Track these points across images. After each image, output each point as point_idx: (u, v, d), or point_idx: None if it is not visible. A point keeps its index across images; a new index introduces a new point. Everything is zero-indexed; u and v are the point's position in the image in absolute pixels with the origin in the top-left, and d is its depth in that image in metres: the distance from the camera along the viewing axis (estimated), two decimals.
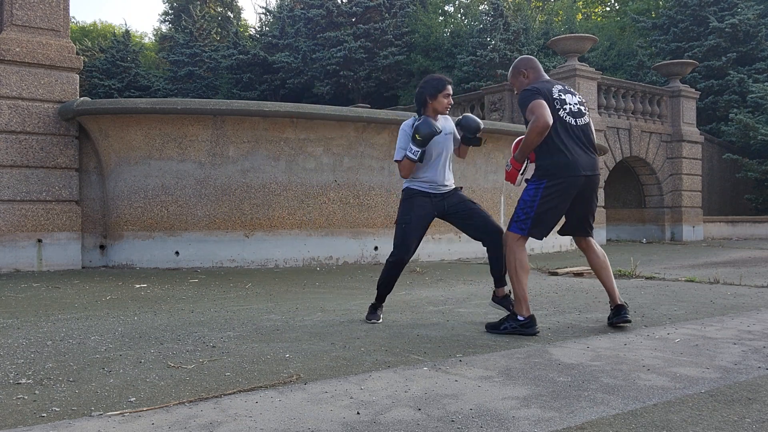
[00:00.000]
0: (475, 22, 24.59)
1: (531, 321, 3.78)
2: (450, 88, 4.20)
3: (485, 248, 4.29)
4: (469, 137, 4.24)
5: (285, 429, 2.16)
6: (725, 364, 3.03)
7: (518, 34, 22.07)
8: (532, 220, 3.80)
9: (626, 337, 3.72)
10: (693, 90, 16.87)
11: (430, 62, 23.75)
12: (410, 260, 4.39)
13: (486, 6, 25.22)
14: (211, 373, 2.89)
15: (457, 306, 5.00)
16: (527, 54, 21.88)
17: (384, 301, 4.39)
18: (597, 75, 14.50)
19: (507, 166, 4.02)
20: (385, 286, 4.31)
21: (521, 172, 3.93)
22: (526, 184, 3.93)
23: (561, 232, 4.17)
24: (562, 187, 3.76)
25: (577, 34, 16.43)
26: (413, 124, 4.16)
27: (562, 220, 4.04)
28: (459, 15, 28.09)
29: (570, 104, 3.85)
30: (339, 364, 3.04)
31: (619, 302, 4.01)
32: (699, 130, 17.22)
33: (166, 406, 2.39)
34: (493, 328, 3.88)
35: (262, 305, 5.06)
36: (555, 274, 7.46)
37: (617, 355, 3.22)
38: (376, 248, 8.96)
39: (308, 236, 8.58)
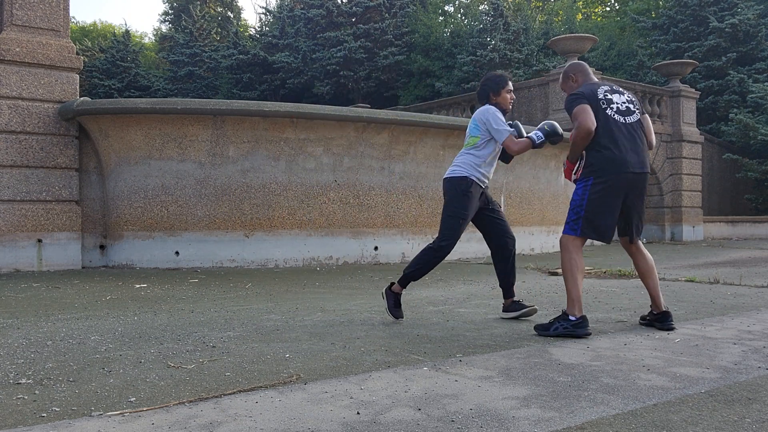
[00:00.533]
0: (475, 22, 24.58)
1: (583, 321, 3.74)
2: (511, 85, 4.30)
3: (495, 258, 4.34)
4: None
5: (285, 429, 2.15)
6: (725, 364, 3.03)
7: (518, 34, 22.06)
8: (583, 220, 3.82)
9: (626, 337, 3.72)
10: (693, 90, 16.87)
11: (430, 62, 23.75)
12: (408, 260, 4.41)
13: (486, 6, 25.21)
14: (211, 373, 2.89)
15: (457, 306, 4.99)
16: (527, 54, 21.91)
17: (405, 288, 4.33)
18: (597, 75, 14.50)
19: (563, 165, 4.12)
20: (421, 274, 4.24)
21: (574, 171, 3.99)
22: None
23: None
24: (610, 184, 3.79)
25: (577, 34, 16.42)
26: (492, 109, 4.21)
27: None
28: (459, 15, 28.09)
29: (617, 103, 3.91)
30: (339, 364, 3.04)
31: (664, 308, 4.00)
32: (699, 130, 17.21)
33: (166, 406, 2.39)
34: (543, 329, 3.81)
35: (262, 305, 5.06)
36: (555, 274, 7.46)
37: (617, 355, 3.22)
38: (376, 248, 8.95)
39: (308, 236, 8.58)
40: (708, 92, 19.96)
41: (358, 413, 2.31)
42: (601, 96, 3.89)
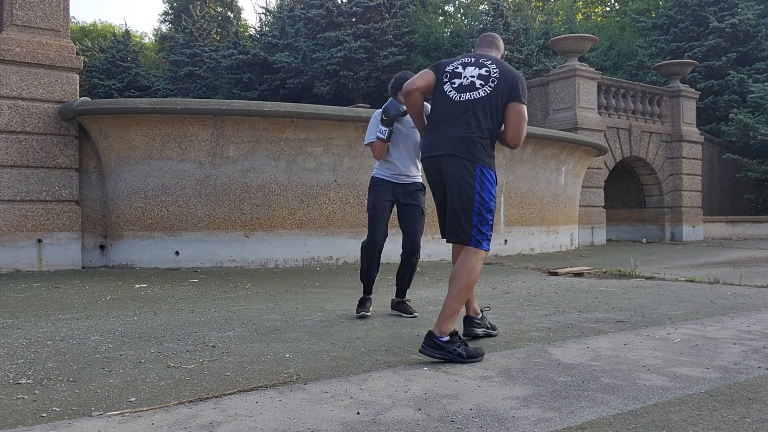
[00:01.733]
0: (475, 22, 24.60)
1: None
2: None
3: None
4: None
5: (285, 429, 2.15)
6: (725, 364, 3.03)
7: (518, 34, 22.07)
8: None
9: (626, 337, 3.72)
10: (693, 90, 16.87)
11: (430, 62, 23.75)
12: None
13: (486, 6, 25.24)
14: (211, 373, 2.89)
15: None
16: (527, 54, 21.90)
17: (371, 293, 4.54)
18: (597, 75, 14.49)
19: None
20: (366, 274, 4.48)
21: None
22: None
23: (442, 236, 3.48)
24: (424, 172, 3.45)
25: (577, 34, 16.42)
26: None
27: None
28: (459, 15, 28.11)
29: (465, 77, 3.28)
30: (339, 364, 3.04)
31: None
32: (699, 130, 17.22)
33: (166, 406, 2.39)
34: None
35: (262, 305, 5.06)
36: (555, 274, 7.46)
37: (617, 355, 3.22)
38: None
39: (308, 236, 8.58)
40: (708, 92, 19.97)
41: (358, 413, 2.31)
42: (449, 68, 3.35)
